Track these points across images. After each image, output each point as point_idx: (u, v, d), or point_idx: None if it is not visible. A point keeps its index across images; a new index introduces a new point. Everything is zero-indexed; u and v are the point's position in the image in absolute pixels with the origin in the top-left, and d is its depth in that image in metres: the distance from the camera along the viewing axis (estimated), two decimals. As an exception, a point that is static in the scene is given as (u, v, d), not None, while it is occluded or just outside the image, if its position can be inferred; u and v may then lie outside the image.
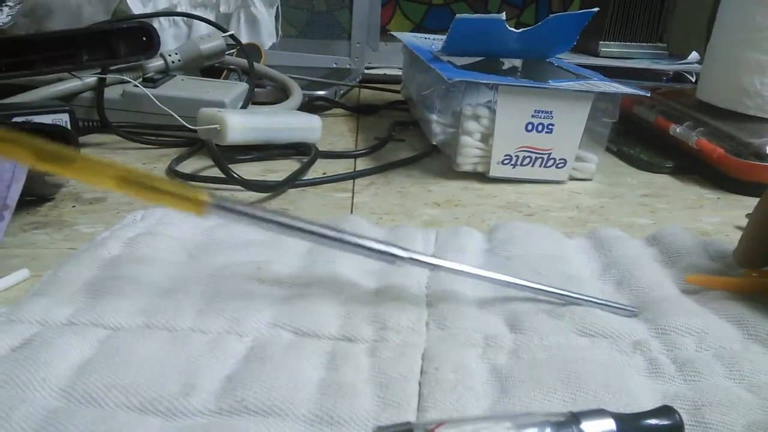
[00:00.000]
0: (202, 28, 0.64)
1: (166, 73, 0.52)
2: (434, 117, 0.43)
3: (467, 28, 0.42)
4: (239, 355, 0.19)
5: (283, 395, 0.17)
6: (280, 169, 0.41)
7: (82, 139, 0.43)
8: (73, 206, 0.33)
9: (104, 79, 0.47)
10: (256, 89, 0.54)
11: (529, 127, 0.38)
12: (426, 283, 0.24)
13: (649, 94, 0.40)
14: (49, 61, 0.46)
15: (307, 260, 0.26)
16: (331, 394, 0.17)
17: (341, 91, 0.65)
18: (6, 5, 0.50)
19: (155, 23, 0.65)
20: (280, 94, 0.56)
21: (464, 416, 0.17)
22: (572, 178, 0.41)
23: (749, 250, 0.25)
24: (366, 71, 0.76)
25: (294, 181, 0.37)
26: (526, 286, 0.23)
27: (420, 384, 0.18)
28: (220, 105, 0.47)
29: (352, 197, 0.37)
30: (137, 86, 0.47)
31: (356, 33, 0.76)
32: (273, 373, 0.18)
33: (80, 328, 0.20)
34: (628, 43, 0.80)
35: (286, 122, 0.44)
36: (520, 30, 0.43)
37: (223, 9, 0.71)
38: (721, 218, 0.36)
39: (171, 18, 0.68)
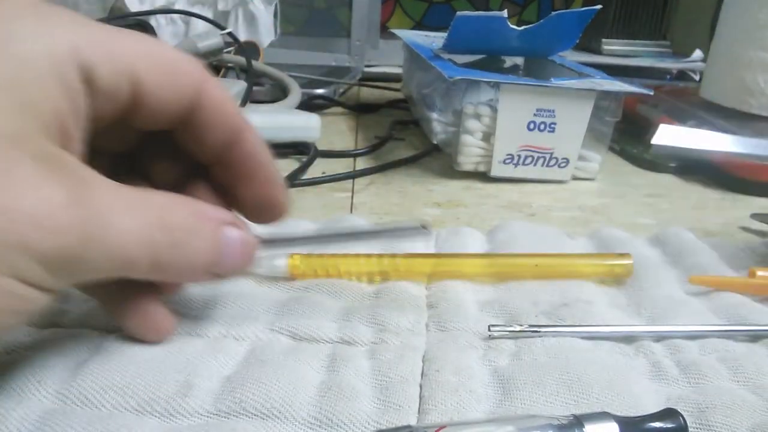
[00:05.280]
0: (200, 25, 0.64)
1: (165, 71, 0.52)
2: (435, 116, 0.43)
3: (468, 26, 0.42)
4: (238, 357, 0.19)
5: (283, 397, 0.17)
6: (279, 168, 0.40)
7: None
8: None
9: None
10: (254, 87, 0.54)
11: (531, 125, 0.38)
12: (426, 284, 0.24)
13: (652, 93, 0.40)
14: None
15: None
16: (331, 396, 0.17)
17: (341, 90, 0.65)
18: (4, 2, 0.50)
19: (152, 21, 0.65)
20: (279, 93, 0.56)
21: (466, 419, 0.17)
22: (575, 178, 0.41)
23: None
24: (366, 69, 0.75)
25: (293, 180, 0.37)
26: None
27: (421, 386, 0.18)
28: (220, 103, 0.47)
29: (352, 197, 0.37)
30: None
31: (356, 30, 0.75)
32: (272, 375, 0.18)
33: (76, 332, 0.20)
34: (631, 41, 0.80)
35: (285, 121, 0.44)
36: (522, 28, 0.42)
37: (221, 6, 0.71)
38: (725, 218, 0.36)
39: (168, 15, 0.68)
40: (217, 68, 0.58)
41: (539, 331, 0.21)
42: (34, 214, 0.13)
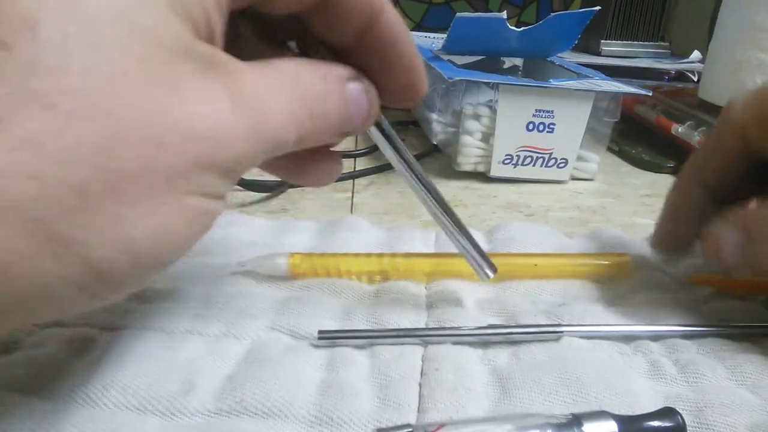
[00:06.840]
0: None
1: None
2: (434, 116, 0.43)
3: (468, 27, 0.42)
4: (238, 356, 0.19)
5: (283, 396, 0.17)
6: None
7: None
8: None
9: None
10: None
11: (530, 126, 0.38)
12: (426, 284, 0.24)
13: (650, 94, 0.40)
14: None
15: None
16: (331, 395, 0.17)
17: (341, 90, 0.65)
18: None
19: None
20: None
21: (465, 418, 0.17)
22: (573, 178, 0.41)
23: (665, 234, 0.25)
24: (366, 70, 0.75)
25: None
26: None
27: (420, 385, 0.18)
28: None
29: (352, 197, 0.37)
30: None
31: (356, 32, 0.75)
32: (273, 374, 0.18)
33: (77, 330, 0.20)
34: (629, 42, 0.80)
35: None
36: (521, 29, 0.43)
37: (222, 8, 0.71)
38: (722, 218, 0.36)
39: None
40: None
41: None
42: (207, 128, 0.13)
